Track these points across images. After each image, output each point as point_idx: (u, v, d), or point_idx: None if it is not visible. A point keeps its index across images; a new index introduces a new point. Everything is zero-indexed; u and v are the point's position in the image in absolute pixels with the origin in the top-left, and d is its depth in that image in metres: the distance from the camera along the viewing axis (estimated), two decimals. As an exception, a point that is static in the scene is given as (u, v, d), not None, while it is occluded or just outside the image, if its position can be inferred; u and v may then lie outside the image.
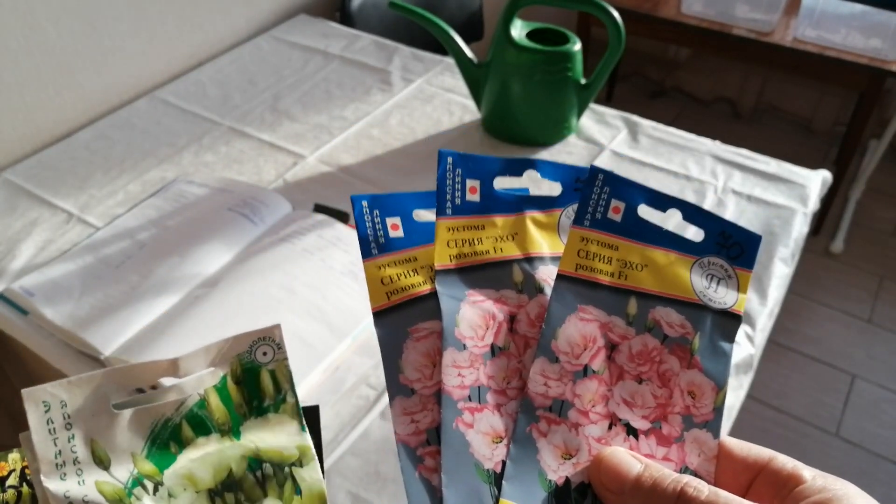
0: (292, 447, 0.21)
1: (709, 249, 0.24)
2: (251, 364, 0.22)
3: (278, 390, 0.22)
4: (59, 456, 0.20)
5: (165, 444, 0.21)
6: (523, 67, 0.78)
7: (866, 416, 1.31)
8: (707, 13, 1.51)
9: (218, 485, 0.21)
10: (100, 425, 0.21)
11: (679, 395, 0.22)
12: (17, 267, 0.68)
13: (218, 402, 0.22)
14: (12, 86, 0.81)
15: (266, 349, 0.22)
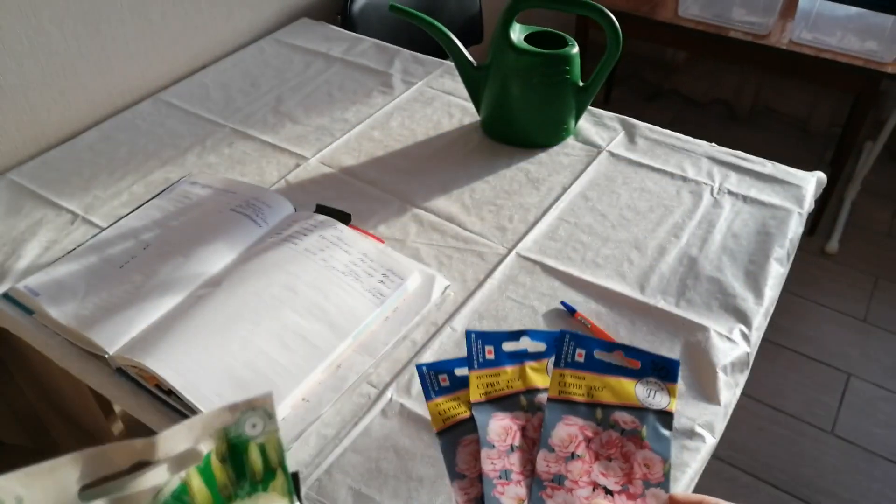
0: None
1: (646, 373, 0.37)
2: (238, 438, 0.20)
3: (268, 467, 0.20)
4: None
5: None
6: (522, 70, 0.79)
7: (862, 414, 1.32)
8: (704, 16, 1.52)
9: None
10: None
11: (637, 466, 0.34)
12: (22, 267, 0.68)
13: (201, 486, 0.19)
14: (17, 87, 0.82)
15: (256, 420, 0.20)
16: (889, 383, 1.37)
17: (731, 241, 0.71)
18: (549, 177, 0.80)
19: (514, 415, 0.35)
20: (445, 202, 0.77)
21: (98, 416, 0.74)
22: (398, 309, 0.63)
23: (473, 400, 0.36)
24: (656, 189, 0.78)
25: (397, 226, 0.73)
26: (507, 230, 0.73)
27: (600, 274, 0.68)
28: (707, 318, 0.63)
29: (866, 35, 1.39)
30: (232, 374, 0.55)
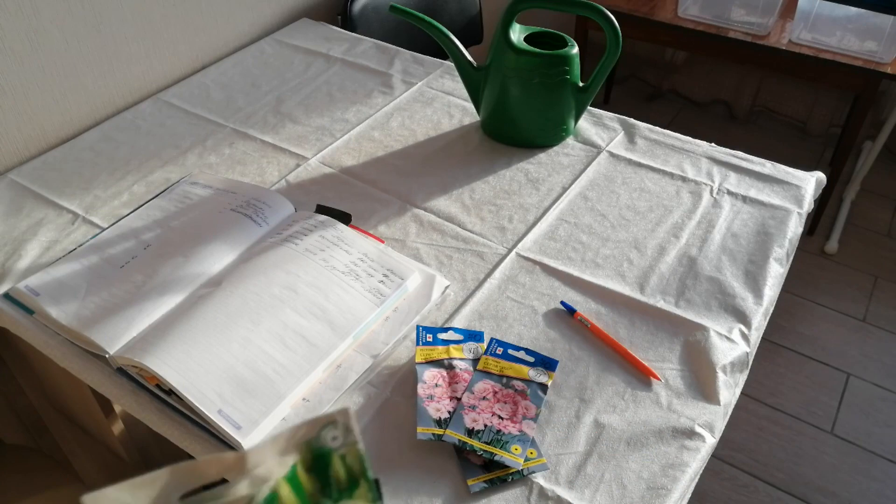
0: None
1: (536, 364, 0.59)
2: (321, 450, 0.21)
3: (351, 477, 0.21)
4: None
5: None
6: (522, 71, 0.79)
7: (861, 414, 1.32)
8: (703, 16, 1.53)
9: None
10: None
11: (520, 408, 0.56)
12: (23, 267, 0.68)
13: (290, 494, 0.20)
14: (18, 88, 0.82)
15: (335, 434, 0.21)
16: (888, 383, 1.37)
17: (730, 241, 0.72)
18: (548, 177, 0.80)
19: (439, 370, 0.58)
20: (445, 202, 0.77)
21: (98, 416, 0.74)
22: (398, 309, 0.63)
23: (417, 361, 0.59)
24: (656, 189, 0.78)
25: (397, 226, 0.73)
26: (506, 230, 0.73)
27: (600, 274, 0.68)
28: (706, 317, 0.63)
29: (866, 35, 1.39)
30: (232, 373, 0.55)
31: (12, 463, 0.81)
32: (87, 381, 0.60)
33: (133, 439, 0.77)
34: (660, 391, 0.57)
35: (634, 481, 0.51)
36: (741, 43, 1.47)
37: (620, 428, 0.55)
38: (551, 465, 0.52)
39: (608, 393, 0.57)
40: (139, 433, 0.77)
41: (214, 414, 0.52)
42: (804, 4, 1.43)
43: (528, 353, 0.60)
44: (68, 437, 0.91)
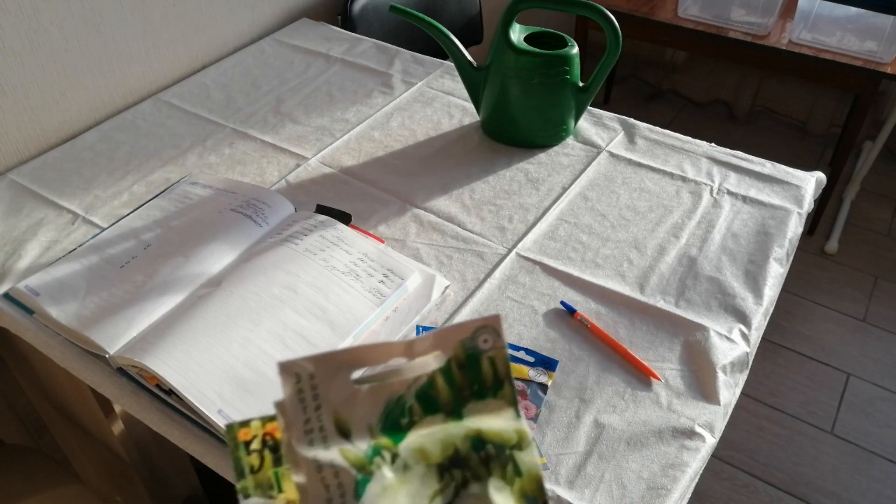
0: (511, 431, 0.22)
1: (536, 364, 0.59)
2: (473, 350, 0.23)
3: (496, 377, 0.23)
4: (308, 424, 0.22)
5: (397, 419, 0.22)
6: (522, 71, 0.79)
7: (861, 414, 1.32)
8: (703, 16, 1.53)
9: (446, 460, 0.22)
10: (342, 398, 0.22)
11: (521, 408, 0.47)
12: (23, 267, 0.68)
13: (444, 385, 0.23)
14: (18, 88, 0.82)
15: (487, 337, 0.23)
16: (888, 383, 1.37)
17: (730, 241, 0.72)
18: (548, 177, 0.80)
19: None
20: (445, 202, 0.77)
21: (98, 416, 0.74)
22: (398, 309, 0.63)
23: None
24: (656, 189, 0.78)
25: (397, 226, 0.73)
26: (506, 230, 0.73)
27: (600, 274, 0.68)
28: (706, 317, 0.63)
29: (865, 35, 1.39)
30: (232, 373, 0.55)
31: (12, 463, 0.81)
32: (87, 381, 0.60)
33: (133, 439, 0.77)
34: (660, 391, 0.57)
35: (634, 481, 0.51)
36: (741, 43, 1.47)
37: (620, 428, 0.55)
38: (551, 465, 0.52)
39: (608, 393, 0.57)
40: (139, 433, 0.77)
41: (214, 414, 0.52)
42: (804, 4, 1.43)
43: (527, 352, 0.60)
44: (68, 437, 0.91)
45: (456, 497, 0.21)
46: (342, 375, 0.22)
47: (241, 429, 0.23)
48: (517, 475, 0.22)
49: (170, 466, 0.84)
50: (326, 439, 0.22)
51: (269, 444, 0.23)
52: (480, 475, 0.22)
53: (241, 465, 0.22)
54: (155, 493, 0.83)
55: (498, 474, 0.22)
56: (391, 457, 0.22)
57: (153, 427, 0.57)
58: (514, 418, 0.23)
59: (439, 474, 0.22)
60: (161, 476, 0.83)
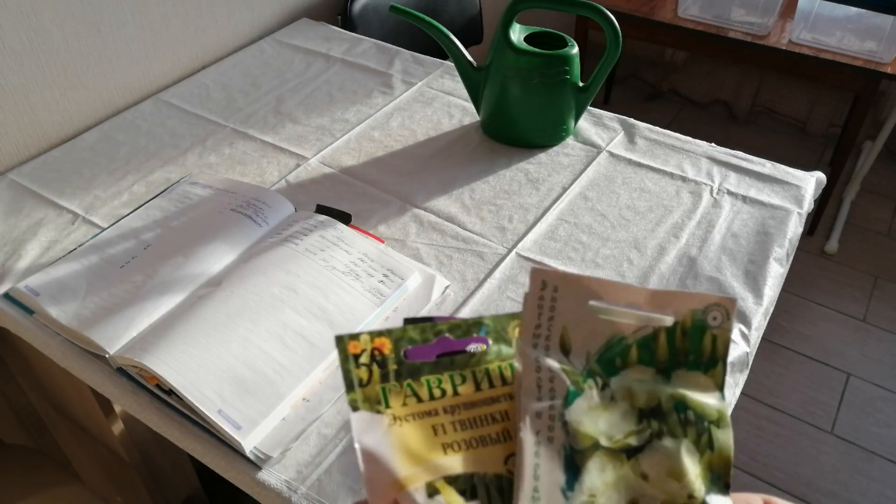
0: (713, 408, 0.23)
1: None
2: (701, 323, 0.24)
3: (713, 355, 0.24)
4: (538, 329, 0.23)
5: (613, 357, 0.23)
6: (522, 71, 0.79)
7: (861, 414, 1.32)
8: (703, 16, 1.53)
9: (648, 409, 0.23)
10: (574, 319, 0.23)
11: None
12: (23, 267, 0.68)
13: (664, 343, 0.24)
14: (18, 88, 0.82)
15: (717, 315, 0.24)
16: (888, 383, 1.37)
17: (730, 241, 0.72)
18: (548, 177, 0.80)
19: None
20: (445, 202, 0.77)
21: (98, 416, 0.74)
22: (398, 309, 0.63)
23: None
24: (656, 189, 0.78)
25: (397, 226, 0.73)
26: (506, 230, 0.73)
27: (600, 274, 0.68)
28: (706, 317, 0.63)
29: (865, 35, 1.39)
30: (232, 373, 0.55)
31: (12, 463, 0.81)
32: (87, 381, 0.60)
33: (133, 439, 0.77)
34: (660, 391, 0.57)
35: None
36: (741, 43, 1.47)
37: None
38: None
39: (608, 393, 0.57)
40: (139, 433, 0.77)
41: (214, 414, 0.52)
42: (804, 4, 1.43)
43: None
44: (68, 437, 0.91)
45: (648, 443, 0.22)
46: (581, 298, 0.23)
47: (351, 341, 0.23)
48: (710, 448, 0.23)
49: (170, 466, 0.84)
50: (549, 349, 0.23)
51: (378, 359, 0.23)
52: (676, 433, 0.23)
53: (351, 378, 0.23)
54: (155, 492, 0.83)
55: (692, 439, 0.23)
56: (602, 384, 0.23)
57: (153, 427, 0.57)
58: (718, 399, 0.23)
59: (639, 418, 0.23)
60: (161, 476, 0.83)
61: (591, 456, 0.22)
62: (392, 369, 0.23)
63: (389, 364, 0.23)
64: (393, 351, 0.23)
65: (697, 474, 0.22)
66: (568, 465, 0.22)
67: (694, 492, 0.22)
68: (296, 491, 0.50)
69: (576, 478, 0.22)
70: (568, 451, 0.22)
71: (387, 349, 0.23)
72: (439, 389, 0.23)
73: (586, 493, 0.21)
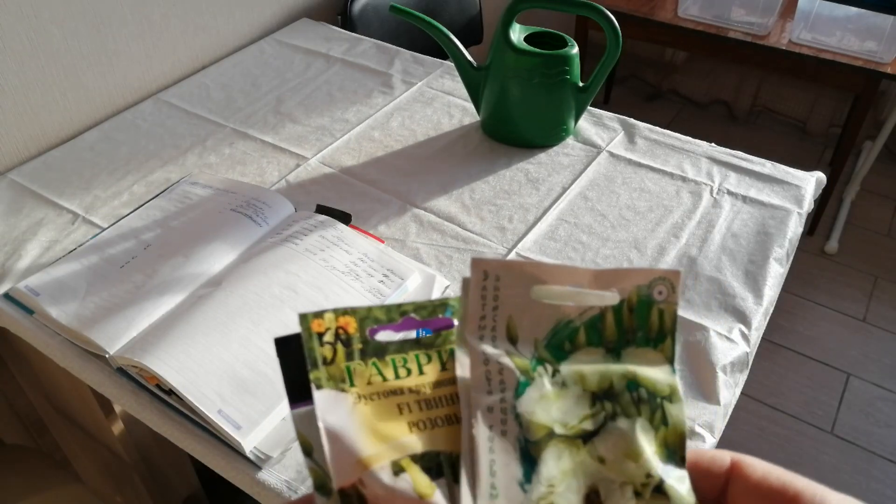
0: (665, 383, 0.23)
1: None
2: (647, 298, 0.23)
3: (661, 330, 0.23)
4: (483, 320, 0.23)
5: (561, 341, 0.23)
6: (522, 71, 0.79)
7: (861, 414, 1.32)
8: (703, 16, 1.53)
9: (600, 391, 0.23)
10: (518, 306, 0.23)
11: None
12: (23, 267, 0.68)
13: (612, 322, 0.23)
14: (18, 88, 0.82)
15: (662, 289, 0.23)
16: (888, 383, 1.37)
17: (730, 241, 0.72)
18: (548, 177, 0.80)
19: None
20: (445, 202, 0.77)
21: (98, 416, 0.74)
22: (398, 309, 0.63)
23: None
24: (656, 189, 0.78)
25: (397, 226, 0.73)
26: (506, 230, 0.73)
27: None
28: (706, 317, 0.63)
29: (866, 35, 1.39)
30: (232, 373, 0.55)
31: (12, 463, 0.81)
32: (87, 381, 0.60)
33: (133, 439, 0.77)
34: (660, 391, 0.57)
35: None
36: (741, 43, 1.47)
37: (620, 428, 0.55)
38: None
39: (608, 393, 0.57)
40: (139, 433, 0.77)
41: (214, 414, 0.52)
42: (804, 4, 1.43)
43: None
44: (68, 437, 0.91)
45: (603, 426, 0.22)
46: (525, 285, 0.23)
47: (315, 319, 0.22)
48: (664, 424, 0.22)
49: (170, 466, 0.84)
50: (496, 339, 0.23)
51: (342, 337, 0.23)
52: (629, 413, 0.22)
53: (315, 356, 0.22)
54: (155, 493, 0.83)
55: (646, 417, 0.22)
56: (552, 371, 0.23)
57: (153, 427, 0.57)
58: (669, 373, 0.23)
59: (592, 401, 0.23)
60: (161, 476, 0.83)
61: (547, 445, 0.22)
62: (357, 348, 0.23)
63: (354, 343, 0.23)
64: (358, 330, 0.23)
65: (654, 452, 0.22)
66: (524, 458, 0.21)
67: (651, 470, 0.22)
68: (296, 491, 0.50)
69: (533, 469, 0.21)
70: (523, 443, 0.22)
71: (352, 328, 0.23)
72: (405, 369, 0.23)
73: (545, 484, 0.21)
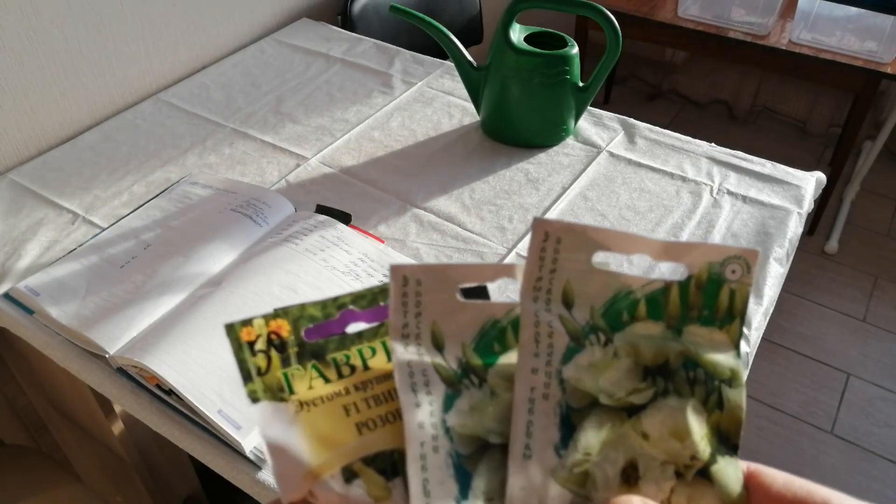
0: (726, 366, 0.22)
1: None
2: (718, 276, 0.22)
3: (731, 310, 0.22)
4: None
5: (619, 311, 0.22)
6: (522, 71, 0.79)
7: (861, 414, 1.32)
8: (703, 16, 1.53)
9: (654, 366, 0.22)
10: (578, 271, 0.22)
11: None
12: (23, 267, 0.68)
13: (676, 298, 0.22)
14: (18, 88, 0.82)
15: (736, 268, 0.22)
16: (888, 383, 1.37)
17: (730, 241, 0.71)
18: (548, 177, 0.80)
19: None
20: (445, 202, 0.77)
21: (98, 416, 0.74)
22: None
23: None
24: (656, 189, 0.78)
25: (397, 226, 0.73)
26: (506, 230, 0.73)
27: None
28: (706, 317, 0.63)
29: (865, 35, 1.39)
30: (232, 373, 0.55)
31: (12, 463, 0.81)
32: (87, 382, 0.60)
33: (133, 439, 0.77)
34: (660, 391, 0.57)
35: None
36: (741, 43, 1.47)
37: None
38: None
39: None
40: (139, 433, 0.77)
41: (214, 414, 0.52)
42: (804, 4, 1.43)
43: None
44: (68, 437, 0.91)
45: (652, 401, 0.21)
46: (587, 250, 0.22)
47: (244, 328, 0.21)
48: (718, 408, 0.21)
49: (170, 466, 0.84)
50: (550, 302, 0.22)
51: (276, 343, 0.21)
52: (682, 392, 0.21)
53: (247, 367, 0.21)
54: (155, 493, 0.83)
55: (700, 399, 0.21)
56: (604, 340, 0.22)
57: (153, 427, 0.57)
58: (732, 357, 0.22)
59: (643, 375, 0.21)
60: (161, 476, 0.83)
61: (589, 414, 0.21)
62: (293, 352, 0.21)
63: (289, 347, 0.21)
64: (292, 332, 0.21)
65: (703, 435, 0.21)
66: (564, 423, 0.21)
67: (697, 452, 0.21)
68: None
69: (571, 436, 0.21)
70: (564, 408, 0.21)
71: (285, 331, 0.21)
72: (348, 367, 0.22)
73: (581, 452, 0.21)
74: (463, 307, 0.22)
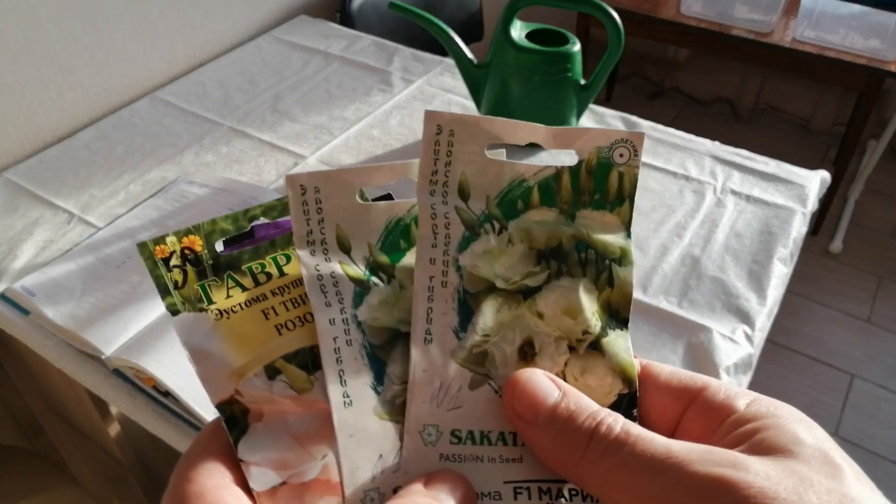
0: (616, 246, 0.23)
1: None
2: (607, 160, 0.23)
3: (620, 193, 0.23)
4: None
5: (514, 200, 0.23)
6: (523, 68, 0.78)
7: (865, 415, 1.31)
8: (706, 14, 1.52)
9: (547, 250, 0.23)
10: (472, 162, 0.22)
11: None
12: (18, 267, 0.68)
13: (568, 184, 0.23)
14: (13, 86, 0.81)
15: (624, 151, 0.23)
16: (893, 384, 1.36)
17: (734, 241, 0.71)
18: (550, 176, 0.80)
19: None
20: (445, 201, 0.76)
21: (94, 418, 0.73)
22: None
23: None
24: (659, 188, 0.77)
25: (397, 225, 0.73)
26: (507, 230, 0.72)
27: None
28: (710, 318, 0.62)
29: (870, 33, 1.38)
30: (228, 375, 0.54)
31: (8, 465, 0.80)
32: (83, 383, 0.59)
33: (129, 441, 0.76)
34: (663, 393, 0.56)
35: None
36: (744, 41, 1.46)
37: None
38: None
39: (610, 395, 0.56)
40: (135, 435, 0.77)
41: (211, 416, 0.51)
42: (808, 2, 1.42)
43: None
44: (64, 438, 0.90)
45: (546, 283, 0.22)
46: (480, 141, 0.23)
47: (157, 246, 0.22)
48: (609, 285, 0.22)
49: (166, 468, 0.83)
50: (447, 195, 0.22)
51: (190, 258, 0.22)
52: (574, 273, 0.22)
53: (164, 282, 0.22)
54: (151, 495, 0.83)
55: (591, 278, 0.23)
56: (499, 228, 0.23)
57: (149, 429, 0.56)
58: (622, 237, 0.23)
59: (537, 259, 0.23)
60: (158, 478, 0.82)
61: (486, 298, 0.22)
62: (208, 265, 0.22)
63: (204, 260, 0.22)
64: (205, 246, 0.22)
65: (594, 311, 0.22)
66: (461, 308, 0.22)
67: (589, 327, 0.22)
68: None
69: (469, 319, 0.22)
70: (462, 294, 0.22)
71: (198, 246, 0.22)
72: (264, 274, 0.22)
73: (479, 333, 0.21)
74: (365, 209, 0.23)
